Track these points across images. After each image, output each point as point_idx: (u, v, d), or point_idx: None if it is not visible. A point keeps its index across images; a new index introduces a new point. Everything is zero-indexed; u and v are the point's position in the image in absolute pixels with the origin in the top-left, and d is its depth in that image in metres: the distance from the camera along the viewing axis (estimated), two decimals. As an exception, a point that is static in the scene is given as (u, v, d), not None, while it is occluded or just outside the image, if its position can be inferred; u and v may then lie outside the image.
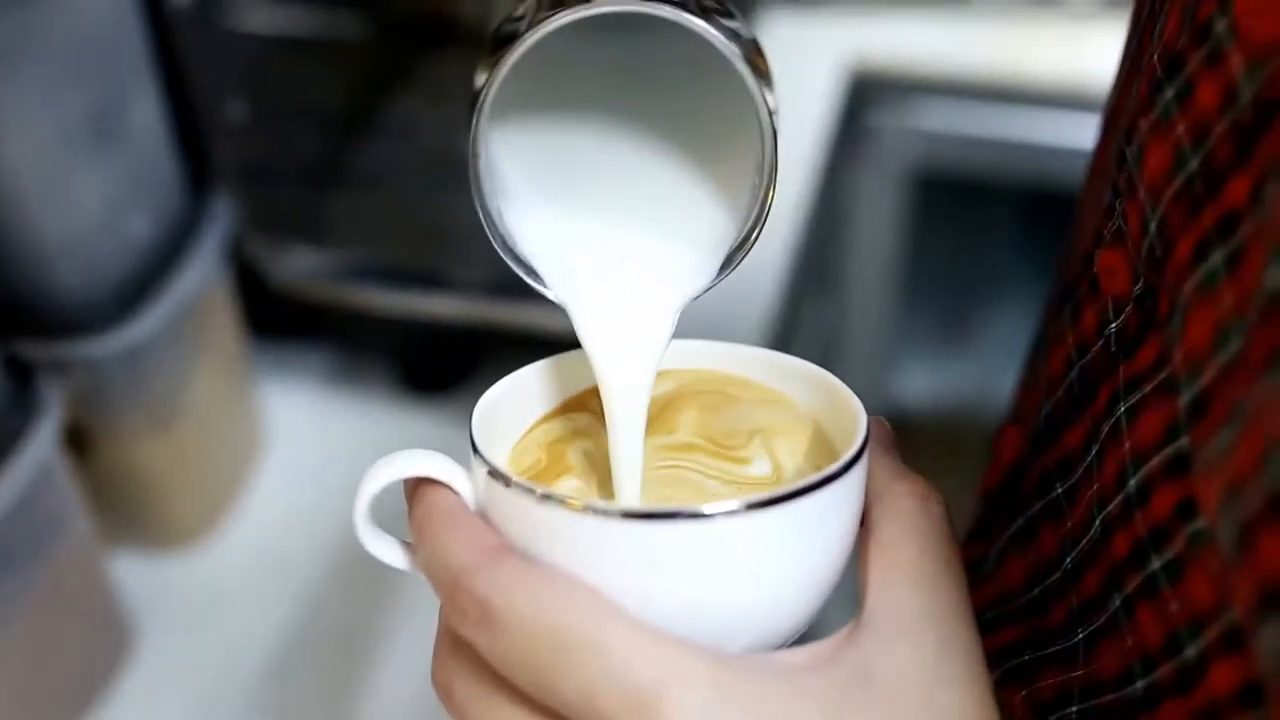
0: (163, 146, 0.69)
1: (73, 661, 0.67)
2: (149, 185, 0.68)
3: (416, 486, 0.35)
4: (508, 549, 0.33)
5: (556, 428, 0.40)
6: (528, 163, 0.40)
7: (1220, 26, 0.30)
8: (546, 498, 0.33)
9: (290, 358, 0.87)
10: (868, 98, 1.14)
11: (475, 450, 0.35)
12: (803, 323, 1.07)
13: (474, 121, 0.36)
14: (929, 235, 1.29)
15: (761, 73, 0.36)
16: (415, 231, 0.80)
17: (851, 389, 0.37)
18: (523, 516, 0.33)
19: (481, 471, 0.34)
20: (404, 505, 0.35)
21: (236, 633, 0.73)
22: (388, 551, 0.37)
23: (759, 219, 0.37)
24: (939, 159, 1.17)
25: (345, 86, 0.86)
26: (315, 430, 0.84)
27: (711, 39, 0.34)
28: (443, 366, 0.84)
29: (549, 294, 0.38)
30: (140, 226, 0.67)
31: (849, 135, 1.14)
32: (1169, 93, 0.32)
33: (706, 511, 0.32)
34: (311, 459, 0.82)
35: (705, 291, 0.38)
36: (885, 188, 1.19)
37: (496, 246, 0.38)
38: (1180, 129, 0.31)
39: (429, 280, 0.79)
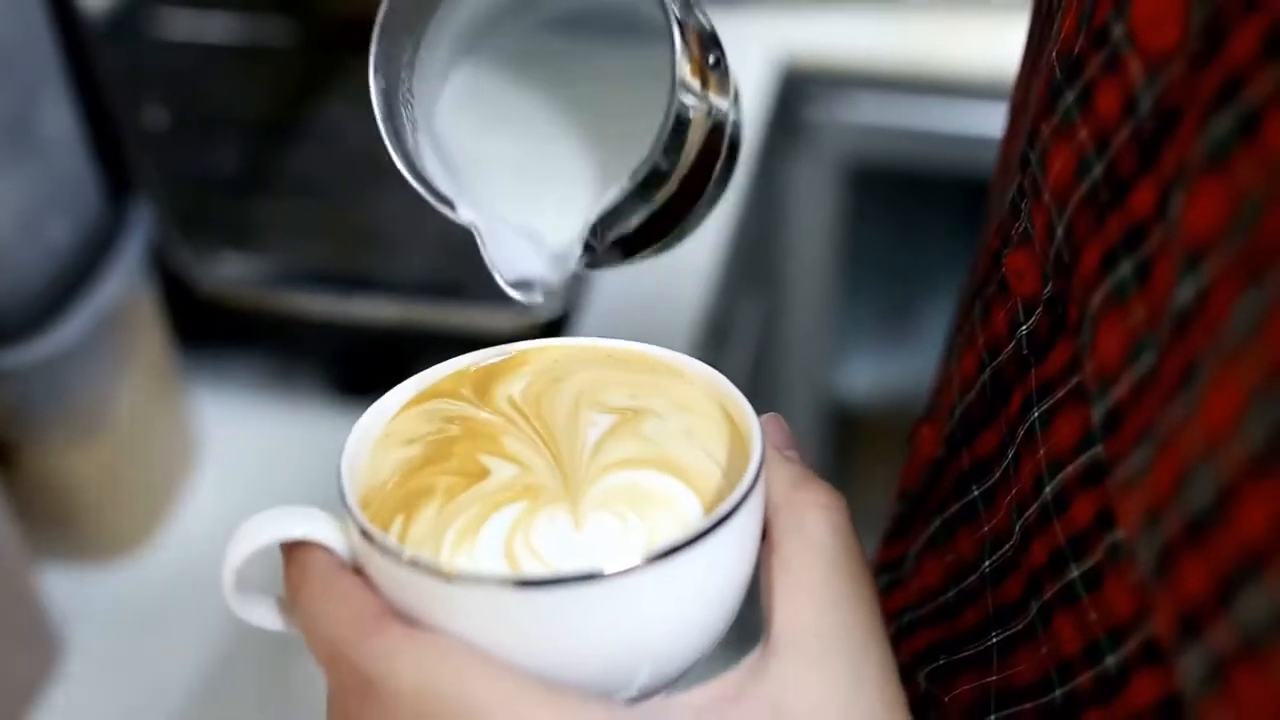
0: (79, 154, 0.68)
1: (1, 675, 0.66)
2: (66, 193, 0.67)
3: (291, 545, 0.33)
4: (387, 614, 0.31)
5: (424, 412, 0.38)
6: (450, 93, 0.40)
7: (1117, 31, 0.30)
8: (420, 564, 0.31)
9: (221, 365, 0.86)
10: (800, 92, 1.15)
11: (345, 505, 0.33)
12: (739, 317, 1.08)
13: (373, 42, 0.36)
14: (867, 228, 1.30)
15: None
16: (343, 235, 0.80)
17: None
18: (400, 580, 0.31)
19: (354, 531, 0.32)
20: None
21: (167, 645, 0.72)
22: (263, 616, 0.35)
23: (662, 130, 0.36)
24: (873, 151, 1.18)
25: (270, 92, 0.85)
26: (248, 437, 0.83)
27: None
28: (374, 368, 0.84)
29: (456, 216, 0.38)
30: (58, 234, 0.67)
31: (783, 130, 1.14)
32: (1069, 97, 0.32)
33: (604, 572, 0.30)
34: (245, 466, 0.81)
35: (613, 206, 0.37)
36: (821, 181, 1.20)
37: (404, 170, 0.37)
38: (1083, 134, 0.31)
39: (358, 283, 0.79)
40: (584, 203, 0.39)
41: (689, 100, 0.36)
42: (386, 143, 0.37)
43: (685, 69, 0.35)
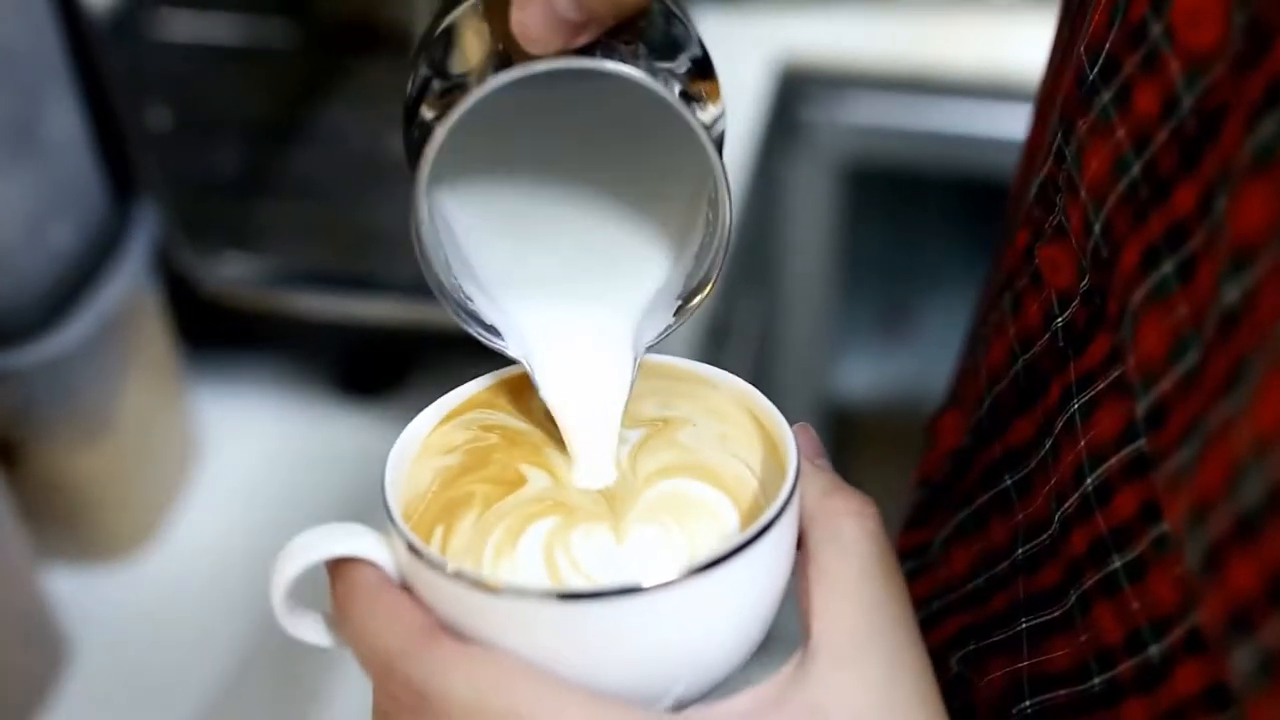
0: (83, 156, 0.69)
1: (8, 675, 0.66)
2: (71, 194, 0.68)
3: (337, 562, 0.34)
4: (437, 629, 0.32)
5: (471, 420, 0.39)
6: (476, 223, 0.39)
7: (1155, 30, 0.30)
8: (470, 579, 0.31)
9: (224, 365, 0.87)
10: (798, 93, 1.15)
11: (391, 519, 0.33)
12: (739, 317, 1.08)
13: (415, 194, 0.34)
14: (864, 228, 1.31)
15: (698, 96, 0.35)
16: (345, 235, 0.80)
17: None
18: (448, 594, 0.32)
19: (400, 546, 0.33)
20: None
21: (174, 645, 0.73)
22: (311, 632, 0.36)
23: (716, 258, 0.36)
24: (870, 152, 1.19)
25: (272, 94, 0.86)
26: (251, 438, 0.83)
27: (640, 80, 0.33)
28: (377, 369, 0.84)
29: (510, 353, 0.37)
30: (63, 235, 0.67)
31: (781, 131, 1.15)
32: (1106, 95, 0.32)
33: (644, 585, 0.31)
34: (248, 467, 0.82)
35: (664, 337, 0.38)
36: (818, 182, 1.20)
37: (449, 308, 0.36)
38: (1120, 133, 0.32)
39: (361, 283, 0.79)
40: (627, 331, 0.38)
41: (727, 186, 0.35)
42: (437, 292, 0.36)
43: (720, 175, 0.35)
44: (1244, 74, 0.27)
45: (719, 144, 0.35)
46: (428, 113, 0.35)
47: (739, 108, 1.06)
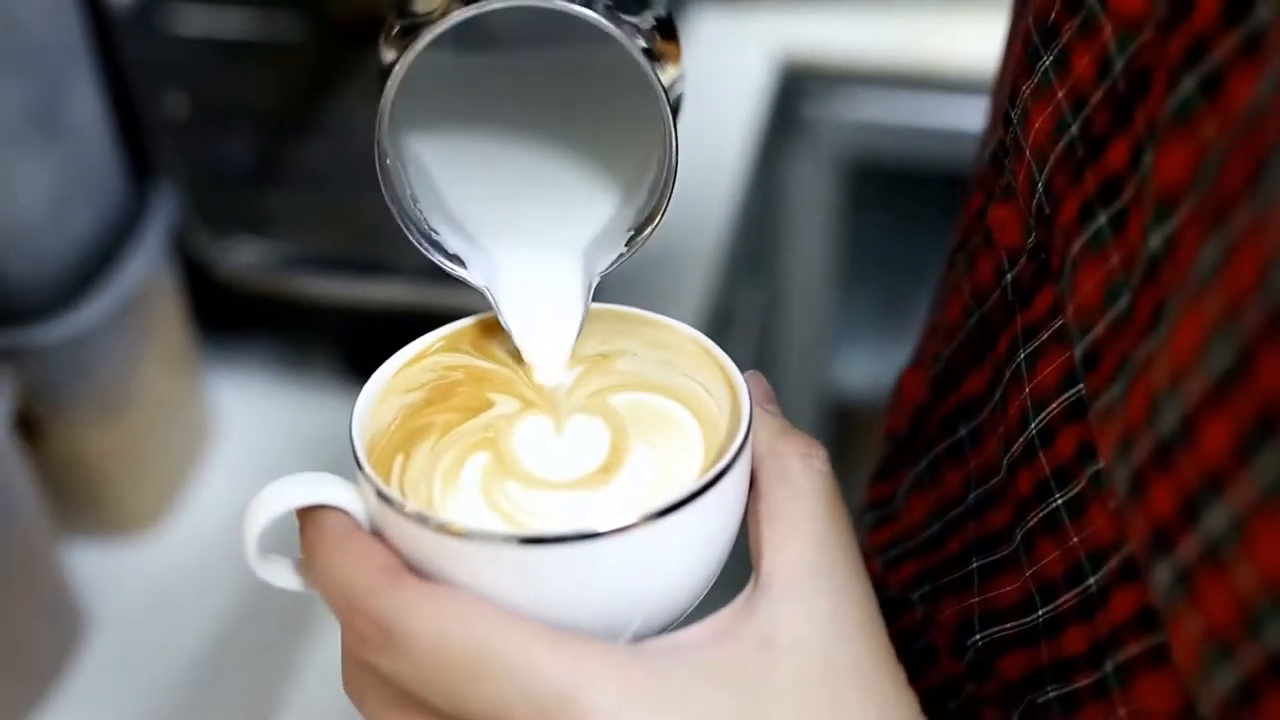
0: (105, 141, 0.71)
1: (26, 649, 0.68)
2: (92, 179, 0.70)
3: (307, 510, 0.35)
4: (402, 569, 0.33)
5: (436, 362, 0.40)
6: (438, 156, 0.41)
7: None
8: (435, 524, 0.32)
9: (237, 348, 0.89)
10: (799, 89, 1.16)
11: (360, 468, 0.34)
12: (739, 310, 1.10)
13: (379, 121, 0.36)
14: (865, 223, 1.32)
15: (659, 55, 0.37)
16: (355, 222, 0.82)
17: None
18: (413, 537, 0.33)
19: (370, 491, 0.34)
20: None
21: (188, 618, 0.74)
22: (282, 577, 0.36)
23: (664, 193, 0.38)
24: (871, 148, 1.20)
25: (285, 86, 0.87)
26: (263, 419, 0.85)
27: (598, 24, 0.35)
28: (384, 350, 0.86)
29: (469, 278, 0.39)
30: (84, 219, 0.69)
31: (782, 127, 1.16)
32: (1047, 60, 0.34)
33: (600, 530, 0.32)
34: (259, 447, 0.83)
35: (615, 266, 0.40)
36: (820, 177, 1.22)
37: (412, 237, 0.38)
38: (1060, 95, 0.33)
39: (370, 268, 0.81)
40: (583, 257, 0.40)
41: (674, 125, 0.37)
42: (398, 216, 0.38)
43: (668, 124, 0.37)
44: (1167, 36, 0.29)
45: (676, 107, 0.37)
46: (390, 53, 0.36)
47: (740, 105, 1.07)
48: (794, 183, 1.22)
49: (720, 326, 0.99)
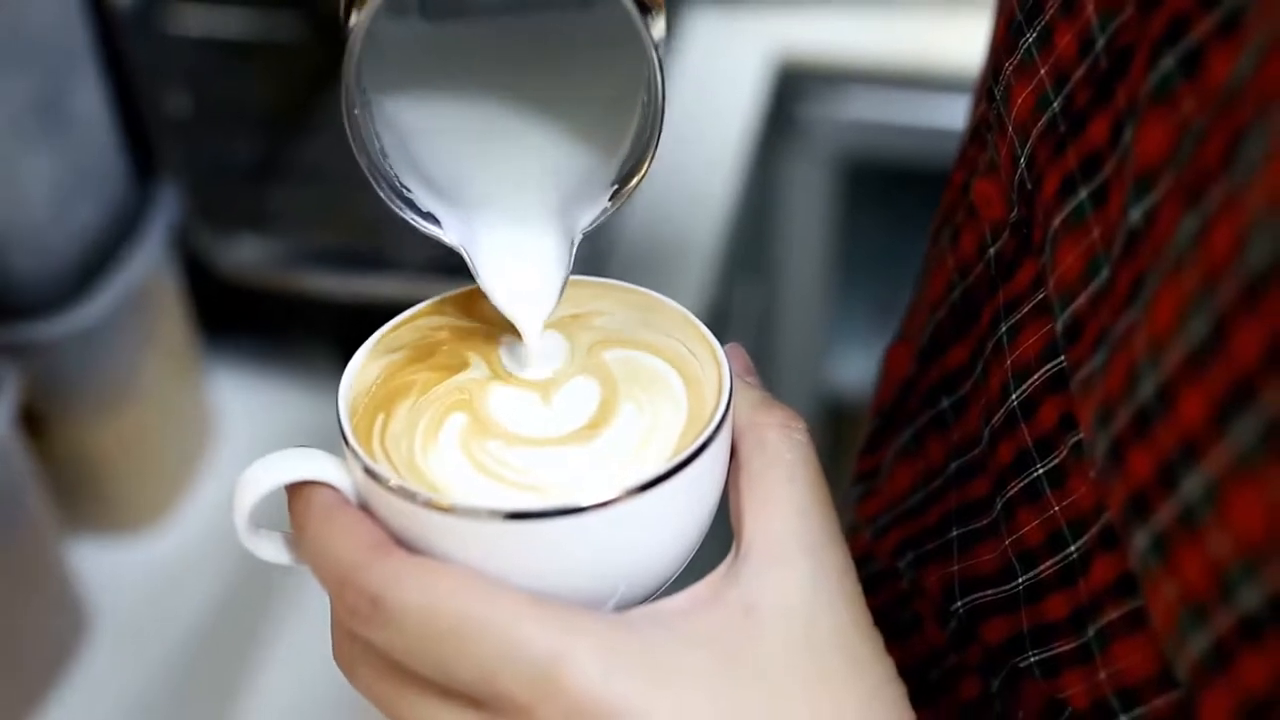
0: (108, 138, 0.71)
1: (31, 643, 0.68)
2: (95, 176, 0.70)
3: (295, 485, 0.35)
4: (390, 542, 0.33)
5: (418, 327, 0.40)
6: (413, 119, 0.40)
7: None
8: (421, 499, 0.33)
9: (239, 343, 0.89)
10: (795, 89, 1.17)
11: (346, 443, 0.35)
12: (736, 308, 1.10)
13: (346, 65, 0.36)
14: (861, 222, 1.32)
15: (647, 6, 0.36)
16: (355, 218, 0.82)
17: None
18: (400, 512, 0.34)
19: (356, 467, 0.34)
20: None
21: (191, 613, 0.75)
22: (273, 551, 0.37)
23: (651, 141, 0.38)
24: (867, 147, 1.20)
25: (285, 84, 0.88)
26: (264, 415, 0.86)
27: None
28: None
29: (443, 237, 0.39)
30: (87, 215, 0.70)
31: (778, 126, 1.17)
32: (1030, 37, 0.35)
33: (584, 504, 0.32)
34: (261, 442, 0.83)
35: (599, 220, 0.39)
36: (816, 176, 1.22)
37: (381, 191, 0.38)
38: (1043, 71, 0.34)
39: (370, 264, 0.81)
40: (563, 215, 0.40)
41: (660, 69, 0.36)
42: (369, 173, 0.38)
43: (655, 73, 0.36)
44: (1148, 13, 0.29)
45: (657, 46, 0.36)
46: (356, 14, 0.36)
47: (736, 104, 1.08)
48: (790, 181, 1.22)
49: (717, 324, 0.98)
